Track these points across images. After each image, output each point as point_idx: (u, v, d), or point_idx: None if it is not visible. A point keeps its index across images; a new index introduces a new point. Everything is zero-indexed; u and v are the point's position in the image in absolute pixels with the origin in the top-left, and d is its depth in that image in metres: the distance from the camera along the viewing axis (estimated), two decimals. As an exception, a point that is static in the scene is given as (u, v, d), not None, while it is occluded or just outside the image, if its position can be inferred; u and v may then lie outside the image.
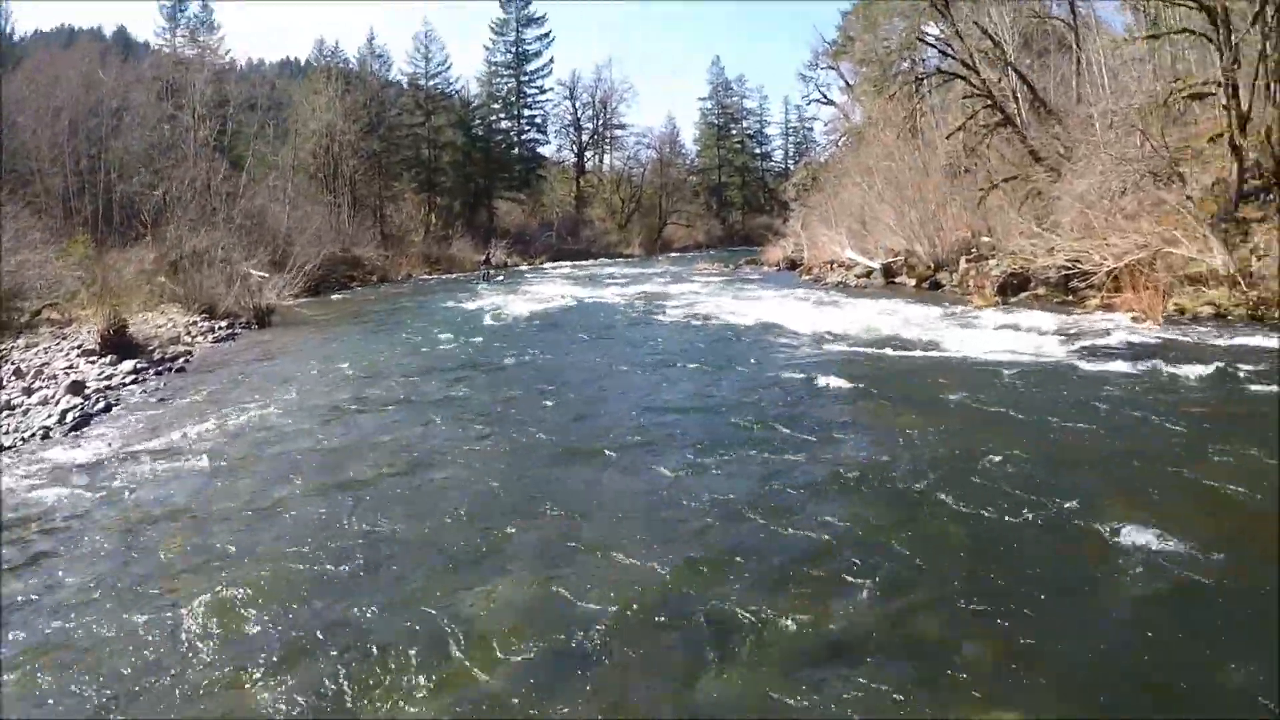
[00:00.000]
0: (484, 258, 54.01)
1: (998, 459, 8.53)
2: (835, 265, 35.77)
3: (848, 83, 59.43)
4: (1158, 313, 17.01)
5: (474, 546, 6.96)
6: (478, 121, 74.42)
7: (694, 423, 10.90)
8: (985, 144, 30.73)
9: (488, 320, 23.92)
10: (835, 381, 13.03)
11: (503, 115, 79.23)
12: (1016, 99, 30.80)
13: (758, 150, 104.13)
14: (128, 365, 16.23)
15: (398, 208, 63.40)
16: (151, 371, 16.15)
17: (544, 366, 15.93)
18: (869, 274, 31.75)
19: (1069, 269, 21.38)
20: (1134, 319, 17.40)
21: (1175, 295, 18.10)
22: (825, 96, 63.56)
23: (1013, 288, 22.99)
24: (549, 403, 12.45)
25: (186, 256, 27.10)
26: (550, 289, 35.69)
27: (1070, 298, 21.35)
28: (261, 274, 28.81)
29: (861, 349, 16.21)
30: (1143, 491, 7.64)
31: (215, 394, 13.97)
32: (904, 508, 7.56)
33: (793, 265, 44.26)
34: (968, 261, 26.95)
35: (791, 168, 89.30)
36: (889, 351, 15.74)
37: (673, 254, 74.14)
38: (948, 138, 32.45)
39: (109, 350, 17.39)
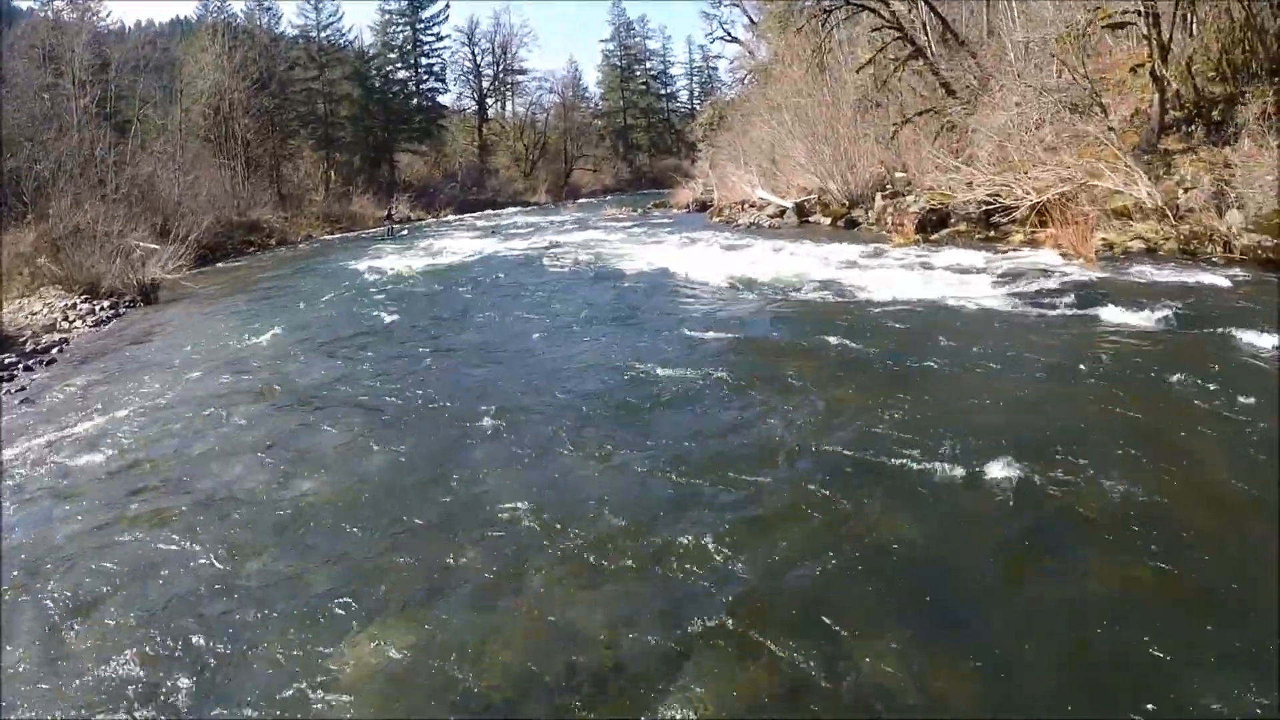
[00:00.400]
0: (386, 213, 52.88)
1: (935, 425, 7.79)
2: (747, 206, 34.94)
3: (752, 20, 58.67)
4: (1089, 249, 16.25)
5: (343, 584, 5.98)
6: (374, 73, 72.52)
7: (593, 393, 10.00)
8: (897, 77, 30.03)
9: (378, 283, 22.69)
10: (749, 335, 12.43)
11: (400, 65, 77.50)
12: (926, 31, 30.01)
13: (663, 91, 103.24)
14: (-5, 361, 14.94)
15: (295, 167, 61.30)
16: (20, 366, 14.89)
17: (435, 334, 14.87)
18: (782, 214, 30.86)
19: (990, 204, 20.68)
20: (1063, 255, 16.68)
21: (1102, 230, 17.42)
22: (729, 34, 63.08)
23: (932, 224, 22.23)
24: (438, 378, 11.54)
25: (67, 235, 25.42)
26: (451, 243, 34.44)
27: (992, 233, 20.62)
28: (150, 246, 27.34)
29: (777, 296, 15.41)
30: (1106, 450, 6.98)
31: (79, 391, 12.77)
32: (826, 488, 6.79)
33: (703, 207, 43.51)
34: (884, 199, 26.25)
35: (698, 109, 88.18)
36: (806, 297, 14.97)
37: (580, 200, 73.24)
38: (857, 71, 31.70)
39: (-25, 346, 15.97)
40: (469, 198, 68.11)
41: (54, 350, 16.49)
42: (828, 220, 28.61)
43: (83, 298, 22.32)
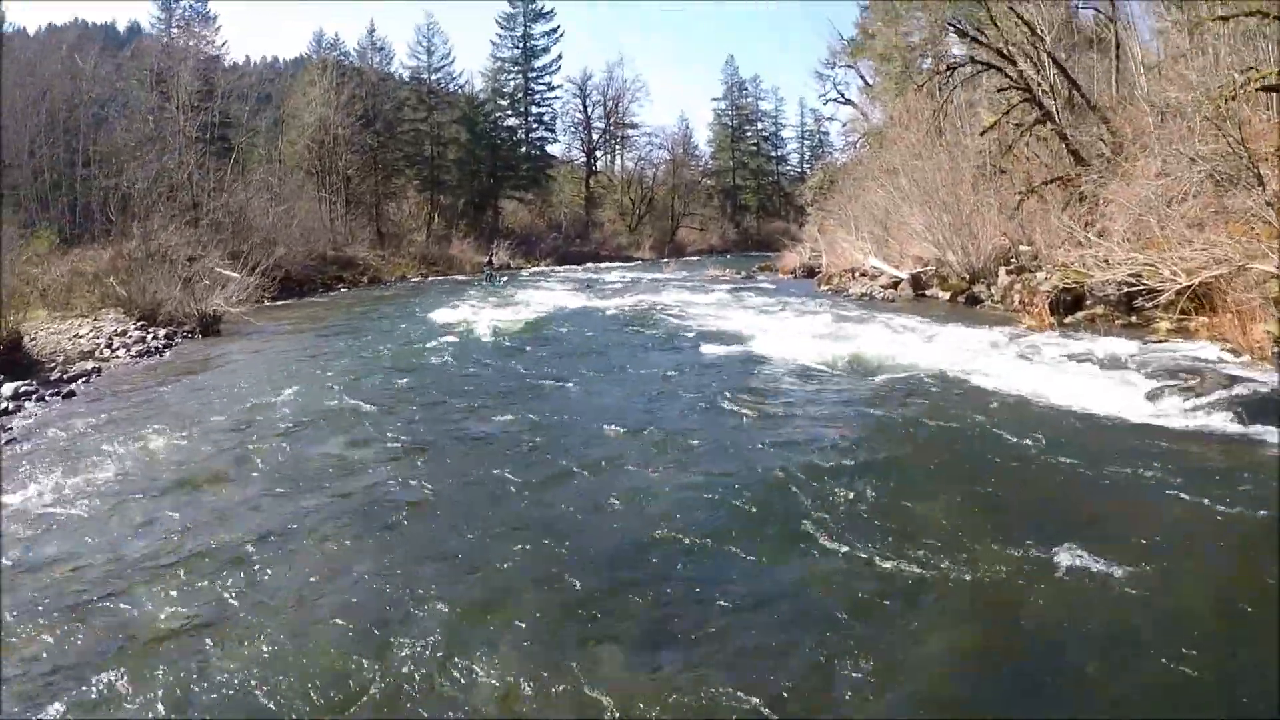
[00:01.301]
0: (486, 259, 51.87)
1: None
2: (858, 274, 32.92)
3: (866, 82, 56.96)
4: (1252, 341, 14.03)
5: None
6: (483, 119, 71.92)
7: (686, 517, 7.92)
8: (1024, 142, 28.04)
9: (450, 336, 21.04)
10: (861, 438, 10.43)
11: (510, 112, 77.19)
12: (1054, 93, 27.99)
13: (773, 153, 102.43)
14: (8, 389, 13.69)
15: (399, 206, 60.97)
16: (33, 397, 13.63)
17: (480, 405, 12.96)
18: (896, 285, 28.90)
19: (1132, 285, 18.49)
20: (1230, 350, 14.38)
21: (1261, 320, 15.23)
22: (843, 96, 61.17)
23: (1065, 306, 19.97)
24: (491, 469, 9.50)
25: (139, 257, 24.44)
26: (543, 295, 33.10)
27: (1134, 319, 18.40)
28: (229, 273, 26.78)
29: (905, 389, 13.25)
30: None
31: (70, 439, 11.28)
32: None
33: (810, 273, 41.53)
34: (1008, 274, 24.19)
35: (807, 171, 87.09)
36: (939, 395, 12.72)
37: (685, 258, 71.48)
38: (981, 134, 29.64)
39: (-1, 369, 14.72)
40: (571, 249, 67.22)
41: (79, 381, 15.29)
42: (946, 295, 26.50)
43: (139, 324, 21.32)
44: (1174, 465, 8.60)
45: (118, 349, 18.69)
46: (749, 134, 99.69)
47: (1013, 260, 25.18)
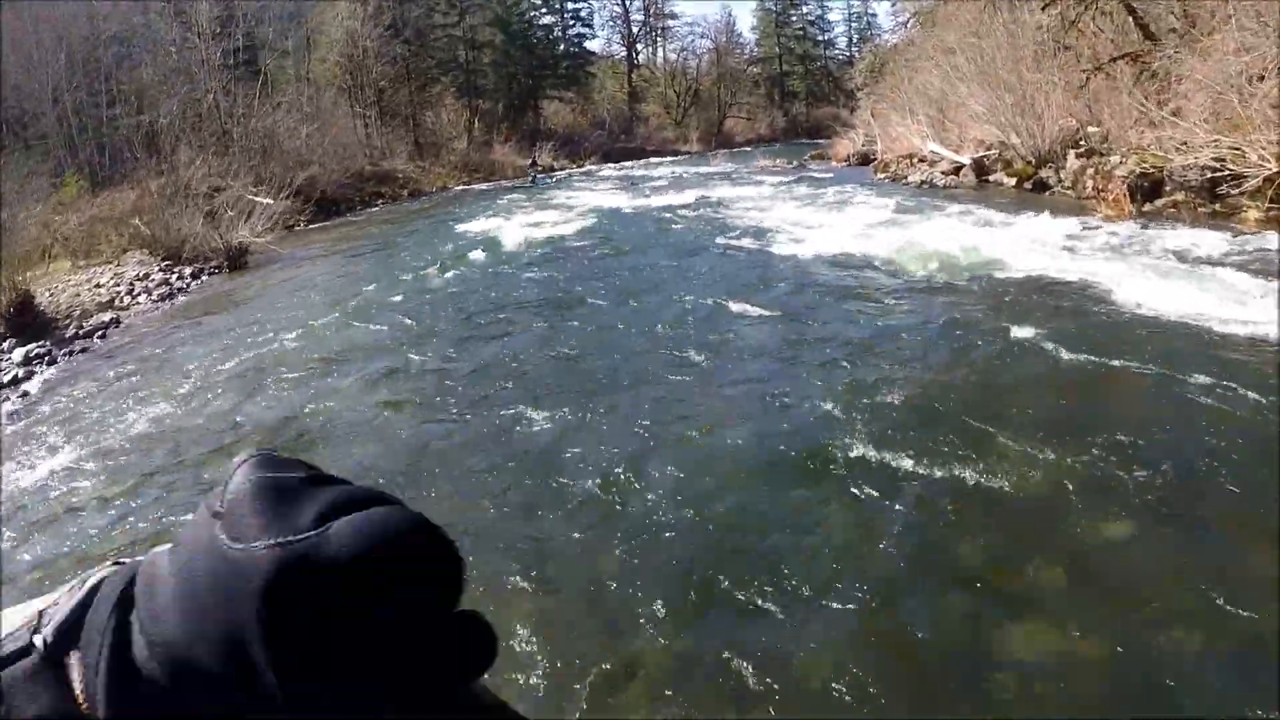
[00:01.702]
0: (531, 161, 50.63)
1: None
2: (916, 161, 31.38)
3: None
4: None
5: None
6: (517, 19, 69.86)
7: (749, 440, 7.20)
8: (1089, 17, 26.31)
9: (487, 248, 19.94)
10: (949, 361, 9.30)
11: (544, 10, 75.08)
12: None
13: (820, 37, 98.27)
14: (19, 354, 12.89)
15: (437, 115, 59.36)
16: (45, 360, 12.84)
17: (535, 327, 12.12)
18: (957, 171, 27.36)
19: (1216, 170, 17.05)
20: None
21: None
22: None
23: (1143, 193, 18.50)
24: (522, 404, 8.64)
25: (167, 192, 23.51)
26: (588, 196, 31.84)
27: (1218, 206, 16.81)
28: (263, 200, 25.97)
29: (980, 291, 12.05)
30: None
31: (74, 404, 10.54)
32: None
33: (865, 160, 39.65)
34: (1078, 157, 22.72)
35: (856, 55, 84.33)
36: (1014, 298, 11.47)
37: (733, 149, 69.27)
38: (1042, 9, 27.93)
39: (9, 333, 13.99)
40: (616, 146, 65.58)
41: (96, 336, 14.46)
42: (1011, 181, 24.87)
43: (164, 264, 20.43)
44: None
45: (139, 295, 17.90)
46: (794, 18, 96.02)
47: (1081, 143, 23.70)
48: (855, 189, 27.46)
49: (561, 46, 75.03)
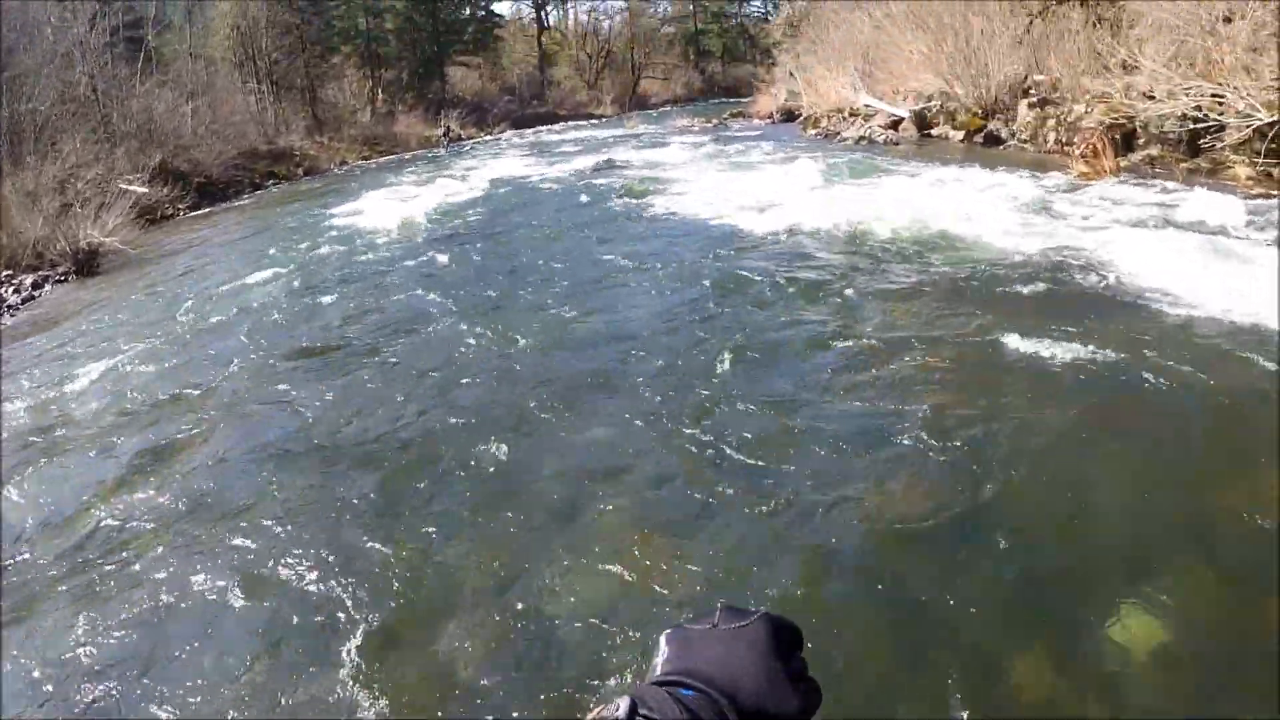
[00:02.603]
0: (444, 130, 50.47)
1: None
2: (849, 115, 29.21)
3: None
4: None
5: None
6: (420, -19, 66.34)
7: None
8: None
9: (384, 228, 17.72)
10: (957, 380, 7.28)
11: (449, -28, 71.30)
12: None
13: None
14: None
15: (340, 87, 56.33)
16: None
17: (429, 333, 9.91)
18: (896, 125, 25.19)
19: (1200, 120, 14.85)
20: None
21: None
22: None
23: (1114, 146, 16.25)
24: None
25: (20, 188, 20.53)
26: (495, 166, 29.36)
27: (1201, 161, 14.75)
28: (136, 188, 23.90)
29: (973, 277, 9.81)
30: None
31: None
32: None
33: (790, 116, 37.51)
34: (1030, 107, 20.60)
35: (772, 11, 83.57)
36: (1024, 287, 9.22)
37: (649, 110, 67.37)
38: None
39: None
40: (527, 112, 63.00)
41: None
42: (958, 135, 22.73)
43: (6, 274, 17.62)
44: None
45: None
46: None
47: (1030, 91, 21.63)
48: (784, 147, 25.18)
49: (468, 10, 71.76)
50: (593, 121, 60.22)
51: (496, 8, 76.10)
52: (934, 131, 23.89)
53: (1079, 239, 10.55)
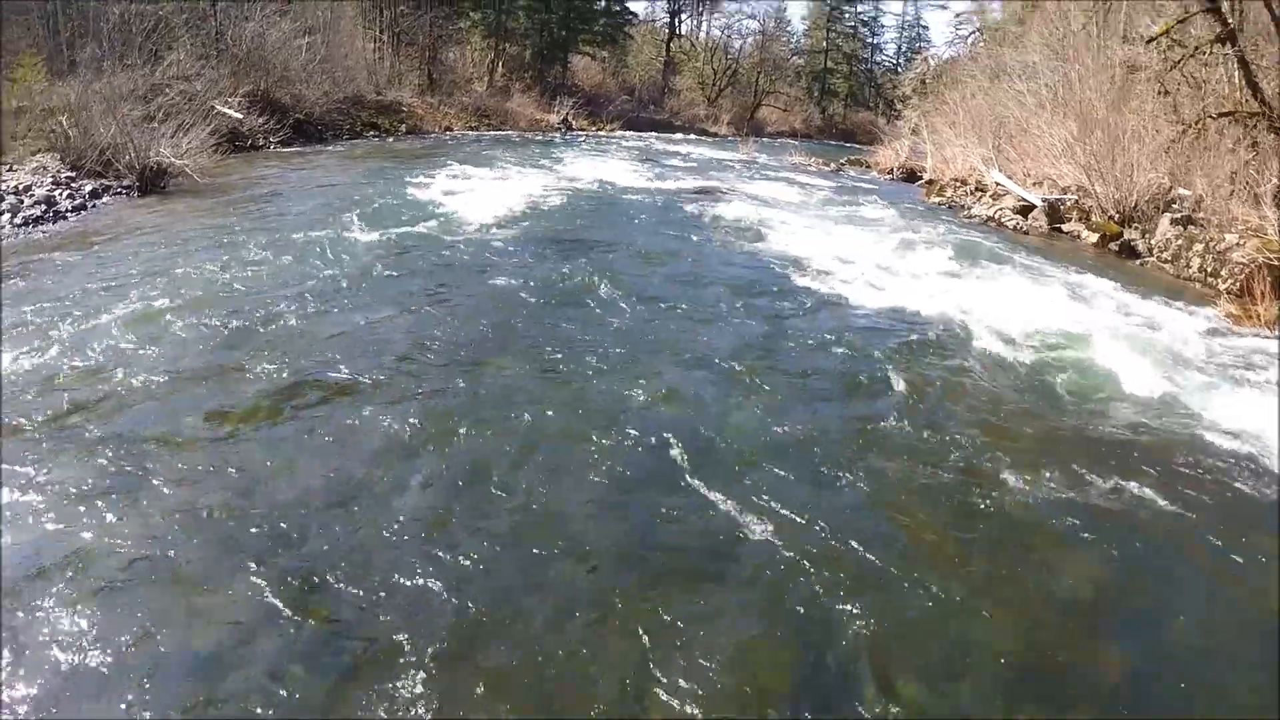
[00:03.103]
0: (563, 117, 50.28)
1: None
2: (974, 189, 27.77)
3: None
4: None
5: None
6: (558, -36, 65.83)
7: None
8: (1202, 63, 22.47)
9: (466, 225, 15.68)
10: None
11: (589, -40, 70.92)
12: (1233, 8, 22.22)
13: (870, 40, 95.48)
14: None
15: (462, 53, 56.07)
16: None
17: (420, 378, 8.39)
18: (1026, 211, 23.57)
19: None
20: None
21: None
22: None
23: (1273, 288, 14.49)
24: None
25: (106, 91, 19.68)
26: (597, 166, 28.05)
27: None
28: (232, 114, 23.95)
29: (1088, 417, 8.52)
30: None
31: None
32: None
33: (910, 176, 35.91)
34: (1173, 223, 19.12)
35: (902, 65, 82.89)
36: (1165, 460, 7.65)
37: (764, 138, 65.50)
38: (1147, 43, 24.00)
39: None
40: (643, 115, 62.33)
41: None
42: (1092, 237, 21.04)
43: (68, 175, 16.81)
44: None
45: (2, 214, 14.09)
46: (847, 15, 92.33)
47: (1175, 205, 20.16)
48: (909, 213, 23.37)
49: (603, 2, 71.23)
50: (707, 138, 59.09)
51: (631, 5, 75.29)
52: (1065, 227, 22.30)
53: (1232, 409, 8.96)
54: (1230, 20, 21.33)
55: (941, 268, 15.19)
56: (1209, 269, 16.40)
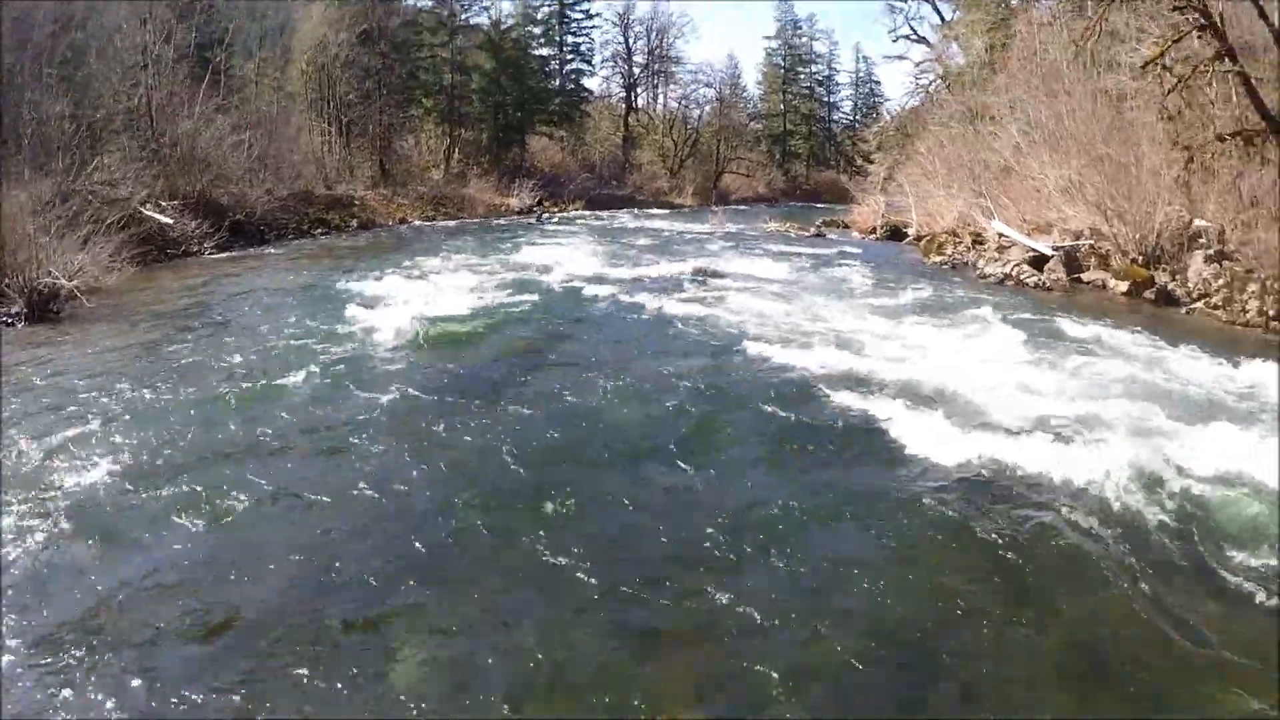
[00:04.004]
0: (537, 200, 50.59)
1: None
2: (976, 244, 25.74)
3: (943, 18, 51.88)
4: None
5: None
6: (511, 44, 64.84)
7: None
8: (1208, 81, 20.59)
9: (403, 343, 12.88)
10: None
11: (542, 40, 70.38)
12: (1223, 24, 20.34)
13: (826, 99, 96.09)
14: None
15: (416, 141, 55.06)
16: None
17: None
18: (1038, 262, 21.35)
19: None
20: None
21: None
22: (916, 33, 55.64)
23: None
24: None
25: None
26: (564, 257, 24.50)
27: None
28: (159, 217, 22.86)
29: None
30: None
31: None
32: None
33: (895, 234, 34.07)
34: (1207, 260, 17.13)
35: (859, 121, 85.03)
36: None
37: (730, 205, 64.55)
38: (1142, 67, 22.01)
39: None
40: (604, 192, 61.01)
41: None
42: (1119, 285, 19.01)
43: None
44: None
45: None
46: (802, 76, 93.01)
47: (1200, 239, 18.21)
48: (910, 278, 20.97)
49: (557, 81, 70.66)
50: (673, 210, 58.30)
51: (586, 82, 74.21)
52: (1085, 276, 20.16)
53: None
54: (1228, 36, 19.63)
55: (977, 349, 12.45)
56: (1272, 311, 14.33)
